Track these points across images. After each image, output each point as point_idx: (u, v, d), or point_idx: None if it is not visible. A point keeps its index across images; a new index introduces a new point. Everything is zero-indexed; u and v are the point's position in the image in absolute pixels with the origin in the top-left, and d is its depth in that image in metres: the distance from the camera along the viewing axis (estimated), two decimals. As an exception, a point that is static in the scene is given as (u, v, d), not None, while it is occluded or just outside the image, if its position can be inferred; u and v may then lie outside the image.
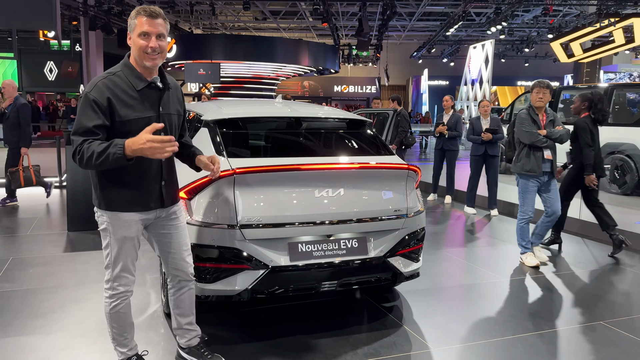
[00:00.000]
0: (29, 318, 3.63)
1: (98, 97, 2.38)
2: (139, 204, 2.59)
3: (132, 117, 2.45)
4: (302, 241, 3.23)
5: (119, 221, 2.56)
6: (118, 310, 2.64)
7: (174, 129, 2.70)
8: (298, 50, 21.88)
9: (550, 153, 5.00)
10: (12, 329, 3.45)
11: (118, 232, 2.57)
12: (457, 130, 8.06)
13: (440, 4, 25.01)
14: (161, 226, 2.75)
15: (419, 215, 3.64)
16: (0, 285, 4.26)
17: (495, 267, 5.09)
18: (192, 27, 29.05)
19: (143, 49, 2.44)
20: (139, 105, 2.48)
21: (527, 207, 5.13)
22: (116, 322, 2.68)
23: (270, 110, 3.98)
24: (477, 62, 21.56)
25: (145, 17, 2.43)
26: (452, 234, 6.50)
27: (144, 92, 2.51)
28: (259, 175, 3.14)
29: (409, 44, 34.41)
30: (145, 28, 2.43)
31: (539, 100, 4.95)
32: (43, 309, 3.79)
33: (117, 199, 2.55)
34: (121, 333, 2.72)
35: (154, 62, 2.48)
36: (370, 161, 3.48)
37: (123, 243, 2.59)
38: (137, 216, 2.60)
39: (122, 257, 2.60)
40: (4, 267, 4.68)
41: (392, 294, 4.22)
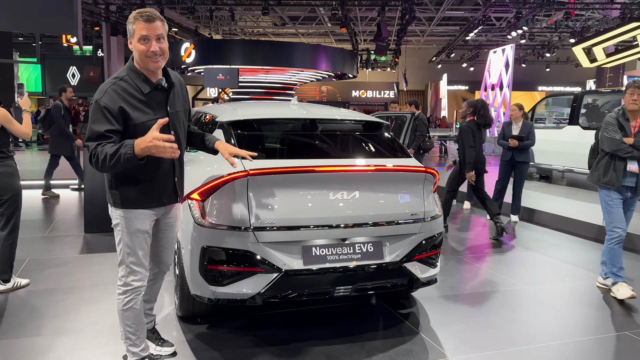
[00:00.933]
0: (43, 319, 3.62)
1: (109, 104, 2.43)
2: (153, 200, 2.67)
3: (144, 120, 2.50)
4: (316, 245, 3.16)
5: (132, 215, 2.63)
6: (131, 306, 2.68)
7: (182, 126, 2.77)
8: (316, 55, 21.88)
9: (638, 166, 4.29)
10: (26, 329, 3.44)
11: (132, 226, 2.63)
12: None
13: (460, 9, 24.84)
14: (163, 221, 2.87)
15: (437, 220, 3.55)
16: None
17: (516, 274, 4.96)
18: (212, 33, 29.31)
19: (145, 53, 2.48)
20: (148, 108, 2.55)
21: (615, 224, 4.35)
22: (129, 320, 2.70)
23: (285, 112, 3.93)
24: (497, 66, 21.30)
25: (143, 22, 2.47)
26: (471, 240, 6.38)
27: (152, 94, 2.58)
28: (273, 177, 3.09)
29: (427, 49, 34.24)
30: (144, 32, 2.47)
31: (633, 103, 4.23)
32: (57, 310, 3.78)
33: (132, 197, 2.61)
34: (134, 331, 2.74)
35: (156, 65, 2.54)
36: (387, 163, 3.40)
37: (136, 236, 2.65)
38: (150, 212, 2.69)
39: (135, 251, 2.66)
40: (21, 267, 4.69)
41: (409, 300, 4.13)
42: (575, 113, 9.85)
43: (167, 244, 2.98)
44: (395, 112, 7.50)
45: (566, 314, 4.01)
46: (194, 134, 3.06)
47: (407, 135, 5.94)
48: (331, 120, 3.78)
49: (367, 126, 3.84)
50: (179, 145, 2.51)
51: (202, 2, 20.85)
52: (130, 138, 2.41)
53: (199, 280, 3.13)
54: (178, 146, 2.42)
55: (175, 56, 22.28)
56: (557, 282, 4.76)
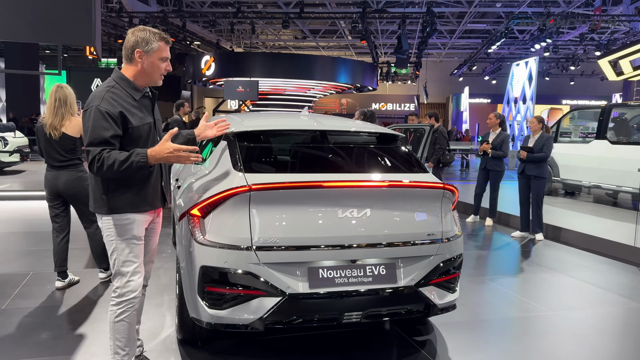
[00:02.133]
0: (36, 338, 3.44)
1: (110, 109, 2.53)
2: (147, 203, 2.74)
3: (139, 124, 2.65)
4: (324, 266, 2.92)
5: (125, 225, 2.66)
6: (124, 318, 2.67)
7: (161, 134, 2.87)
8: (335, 67, 21.78)
9: None
10: (19, 350, 3.25)
11: (125, 234, 2.66)
12: (503, 150, 7.51)
13: (482, 22, 24.53)
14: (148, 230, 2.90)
15: (456, 240, 3.28)
16: (16, 301, 4.11)
17: (541, 298, 4.63)
18: (234, 46, 29.46)
19: (161, 72, 2.71)
20: (140, 112, 2.69)
21: None
22: (120, 333, 2.68)
23: (293, 123, 3.72)
24: (520, 79, 20.91)
25: (165, 44, 2.69)
26: (494, 260, 6.06)
27: (141, 101, 2.72)
28: (277, 193, 2.86)
29: (449, 62, 33.91)
30: (166, 54, 2.71)
31: None
32: (53, 329, 3.60)
33: (127, 201, 2.66)
34: (124, 346, 2.69)
35: (161, 81, 2.77)
36: (401, 179, 3.15)
37: (133, 243, 2.69)
38: (144, 217, 2.74)
39: (131, 258, 2.69)
40: (23, 282, 4.54)
41: (425, 326, 3.84)
42: (602, 127, 9.46)
43: (148, 251, 2.95)
44: (413, 124, 7.24)
45: (597, 343, 3.69)
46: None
47: (426, 148, 5.68)
48: (342, 132, 3.55)
49: (381, 139, 3.60)
50: None
51: (224, 15, 20.96)
52: (128, 141, 2.58)
53: (197, 303, 2.91)
54: None
55: (195, 69, 22.42)
56: (586, 308, 4.42)
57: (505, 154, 7.49)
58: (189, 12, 21.56)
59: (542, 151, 6.66)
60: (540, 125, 6.86)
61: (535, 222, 6.91)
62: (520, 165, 6.92)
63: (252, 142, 3.31)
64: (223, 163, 3.20)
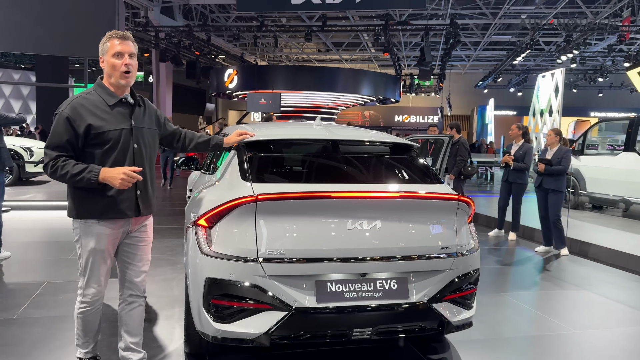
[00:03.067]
0: (44, 348, 3.41)
1: (71, 114, 2.59)
2: (111, 210, 2.69)
3: (106, 129, 2.64)
4: (332, 280, 2.82)
5: (90, 233, 2.69)
6: (84, 316, 2.79)
7: (147, 142, 2.85)
8: (357, 80, 21.76)
9: None
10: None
11: (88, 245, 2.70)
12: (525, 162, 7.32)
13: (507, 33, 24.26)
14: (130, 239, 2.85)
15: (472, 255, 3.14)
16: (29, 311, 4.10)
17: (565, 316, 4.43)
18: (257, 60, 29.73)
19: (118, 68, 2.65)
20: (112, 118, 2.68)
21: None
22: (80, 326, 2.83)
23: (304, 132, 3.64)
24: (545, 91, 20.53)
25: (117, 40, 2.67)
26: (516, 275, 5.85)
27: (116, 106, 2.71)
28: (284, 203, 2.79)
29: (474, 74, 33.60)
30: (118, 48, 2.65)
31: None
32: (62, 339, 3.56)
33: (91, 207, 2.67)
34: (83, 336, 2.85)
35: (127, 80, 2.70)
36: (414, 190, 3.03)
37: (92, 255, 2.72)
38: (108, 230, 2.71)
39: (91, 269, 2.73)
40: (37, 291, 4.54)
41: (441, 344, 3.69)
42: (631, 139, 9.16)
43: (133, 261, 2.88)
44: (431, 135, 7.11)
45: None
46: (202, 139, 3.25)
47: (445, 159, 5.54)
48: (353, 142, 3.46)
49: (394, 149, 3.49)
50: (140, 158, 2.76)
51: (248, 29, 21.18)
52: (89, 145, 2.61)
53: (202, 316, 2.83)
54: (140, 160, 2.74)
55: (219, 82, 22.65)
56: (614, 327, 4.20)
57: (527, 166, 7.28)
58: (213, 26, 21.85)
59: (561, 164, 6.45)
60: (558, 138, 6.66)
61: (557, 237, 6.67)
62: (538, 179, 6.72)
63: (261, 151, 3.25)
64: (231, 173, 3.15)
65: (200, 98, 30.51)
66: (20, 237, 6.54)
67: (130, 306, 2.89)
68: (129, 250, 2.87)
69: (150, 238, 2.97)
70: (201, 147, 3.26)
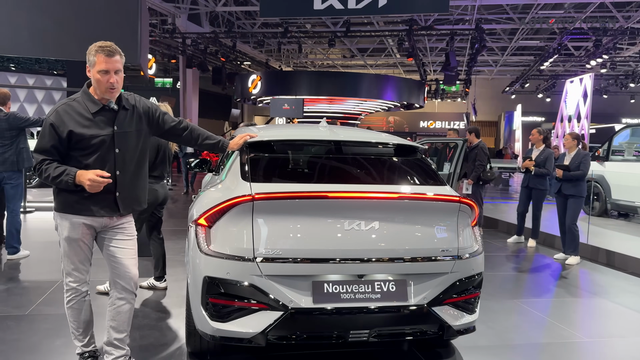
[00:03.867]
0: (51, 344, 3.48)
1: (56, 121, 2.71)
2: (86, 209, 2.79)
3: (87, 135, 2.73)
4: (329, 280, 2.81)
5: (65, 223, 2.82)
6: (72, 305, 2.90)
7: (131, 147, 2.88)
8: (380, 85, 21.69)
9: None
10: (32, 355, 3.30)
11: (64, 233, 2.84)
12: (546, 168, 7.11)
13: (535, 38, 23.88)
14: (110, 234, 2.92)
15: (475, 258, 3.09)
16: (40, 308, 4.19)
17: (579, 324, 4.31)
18: (282, 66, 29.93)
19: (103, 84, 2.72)
20: (93, 125, 2.76)
21: None
22: (71, 317, 2.94)
23: (308, 133, 3.64)
24: (574, 97, 20.09)
25: (104, 56, 2.70)
26: (531, 282, 5.72)
27: (99, 113, 2.78)
28: (281, 203, 2.79)
29: (501, 79, 33.15)
30: (104, 66, 2.70)
31: None
32: (68, 337, 3.50)
33: (68, 202, 2.79)
34: (76, 328, 2.95)
35: (112, 95, 2.77)
36: (413, 191, 3.00)
37: (68, 243, 2.84)
38: (82, 220, 2.81)
39: (69, 256, 2.86)
40: (51, 289, 4.63)
41: (446, 349, 3.63)
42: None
43: (118, 257, 2.91)
44: (444, 138, 7.02)
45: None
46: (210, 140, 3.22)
47: (459, 162, 5.45)
48: (356, 143, 3.44)
49: (398, 150, 3.46)
50: (122, 162, 2.82)
51: (273, 35, 21.36)
52: (73, 149, 2.74)
53: (201, 314, 2.85)
54: (121, 164, 2.81)
55: (243, 87, 22.88)
56: (629, 336, 4.07)
57: (548, 171, 7.08)
58: (239, 32, 22.09)
59: (579, 169, 6.29)
60: (576, 142, 6.50)
61: (569, 242, 6.48)
62: (556, 185, 6.57)
63: (263, 152, 3.26)
64: (233, 173, 3.17)
65: (226, 104, 30.85)
66: (41, 237, 6.70)
67: (118, 302, 2.92)
68: (112, 246, 2.91)
69: (131, 231, 3.00)
70: (209, 147, 3.27)
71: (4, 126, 5.44)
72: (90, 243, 2.89)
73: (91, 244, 2.91)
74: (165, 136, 3.16)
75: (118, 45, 8.43)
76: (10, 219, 5.58)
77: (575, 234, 6.40)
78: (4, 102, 5.57)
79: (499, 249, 7.21)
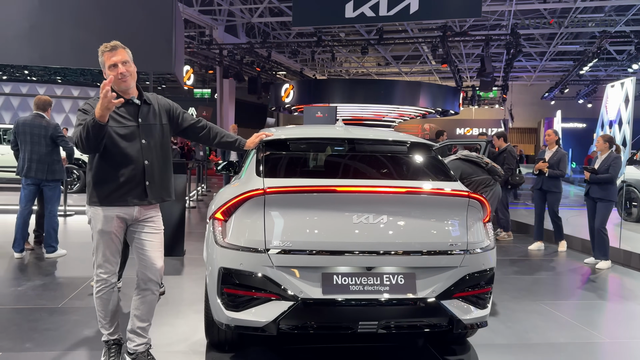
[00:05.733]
0: (80, 333, 3.68)
1: (88, 109, 2.91)
2: (118, 199, 2.95)
3: (115, 127, 2.91)
4: (338, 272, 2.89)
5: (98, 216, 2.97)
6: (101, 295, 3.03)
7: (156, 136, 3.06)
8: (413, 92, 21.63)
9: None
10: (61, 343, 3.51)
11: (97, 226, 2.97)
12: (560, 169, 6.94)
13: (575, 43, 23.36)
14: (139, 227, 3.06)
15: (486, 253, 3.10)
16: (72, 301, 4.41)
17: (600, 325, 4.24)
18: (317, 75, 30.23)
19: (115, 77, 2.86)
20: (119, 117, 2.95)
21: None
22: (99, 306, 3.06)
23: (323, 132, 3.75)
24: (615, 102, 19.52)
25: (108, 52, 2.91)
26: (557, 285, 5.62)
27: (123, 107, 2.96)
28: (292, 197, 2.89)
29: (540, 85, 32.51)
30: (111, 61, 2.90)
31: None
32: (95, 328, 3.77)
33: (102, 195, 2.94)
34: (103, 317, 3.08)
35: (126, 84, 2.94)
36: (422, 186, 3.06)
37: (101, 235, 2.98)
38: (114, 213, 2.96)
39: (101, 249, 3.00)
40: (82, 285, 4.86)
41: (462, 346, 3.64)
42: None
43: (146, 249, 3.04)
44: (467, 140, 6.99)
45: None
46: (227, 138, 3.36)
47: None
48: (369, 141, 3.52)
49: (411, 148, 3.52)
50: (149, 152, 2.99)
51: (307, 45, 21.65)
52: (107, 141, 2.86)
53: (216, 304, 2.98)
54: (148, 154, 2.98)
55: (277, 96, 23.23)
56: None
57: (563, 173, 6.93)
58: (273, 42, 22.49)
59: (608, 172, 6.15)
60: (607, 145, 6.34)
61: (599, 247, 6.31)
62: (586, 187, 6.45)
63: (278, 150, 3.38)
64: (250, 170, 3.30)
65: (261, 113, 31.36)
66: (78, 239, 7.02)
67: (143, 293, 3.06)
68: (138, 238, 3.06)
69: (159, 226, 3.13)
70: (227, 145, 3.40)
71: (42, 132, 5.74)
72: (121, 236, 3.04)
73: (122, 237, 3.05)
74: (184, 134, 3.29)
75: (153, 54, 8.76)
76: (48, 219, 5.89)
77: (604, 238, 6.24)
78: (45, 108, 5.88)
79: (527, 253, 7.09)
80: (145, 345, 3.09)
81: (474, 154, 5.34)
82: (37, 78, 23.90)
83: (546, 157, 7.09)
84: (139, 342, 3.07)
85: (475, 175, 5.18)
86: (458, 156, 5.27)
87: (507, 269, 6.06)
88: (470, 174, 5.16)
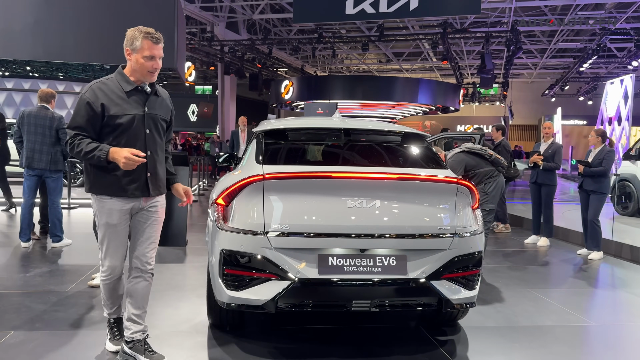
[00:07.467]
0: (87, 315, 3.84)
1: (90, 97, 2.84)
2: (122, 190, 2.91)
3: (120, 114, 2.87)
4: (333, 254, 3.05)
5: (103, 208, 2.94)
6: (107, 283, 3.07)
7: (159, 128, 3.05)
8: (413, 88, 21.75)
9: None
10: (70, 322, 3.67)
11: (103, 219, 2.96)
12: (555, 162, 7.04)
13: (576, 40, 23.46)
14: (140, 216, 3.05)
15: (473, 237, 3.26)
16: (79, 286, 4.57)
17: (587, 310, 4.40)
18: (318, 71, 30.36)
19: (148, 69, 2.87)
20: (126, 104, 2.90)
21: None
22: (104, 290, 3.12)
23: (320, 122, 3.91)
24: (614, 99, 19.64)
25: (152, 43, 2.84)
26: (548, 274, 5.78)
27: (132, 93, 2.93)
28: (289, 182, 3.05)
29: (541, 82, 32.62)
30: (151, 52, 2.85)
31: None
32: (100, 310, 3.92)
33: (104, 184, 2.91)
34: (107, 298, 3.15)
35: (153, 78, 2.94)
36: (412, 173, 3.21)
37: (107, 228, 2.97)
38: (120, 205, 2.93)
39: (107, 241, 2.99)
40: (89, 271, 5.00)
41: (453, 328, 3.80)
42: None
43: (141, 237, 3.04)
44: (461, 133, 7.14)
45: (634, 358, 3.45)
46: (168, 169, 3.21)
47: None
48: (364, 131, 3.68)
49: (405, 138, 3.68)
50: (152, 143, 2.97)
51: (308, 41, 21.78)
52: (105, 127, 2.86)
53: (218, 285, 3.14)
54: (152, 145, 2.95)
55: (277, 93, 23.37)
56: (636, 322, 4.13)
57: (557, 165, 7.04)
58: (274, 39, 22.63)
59: (601, 165, 6.30)
60: (600, 139, 6.48)
61: (591, 238, 6.47)
62: (579, 180, 6.61)
63: (276, 139, 3.54)
64: (250, 158, 3.47)
65: (262, 109, 31.49)
66: (83, 230, 7.16)
67: (136, 280, 3.04)
68: (138, 226, 3.04)
69: (160, 217, 3.12)
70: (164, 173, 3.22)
71: (47, 124, 5.89)
72: (127, 227, 3.01)
73: (127, 227, 3.02)
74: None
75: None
76: (52, 210, 6.05)
77: (597, 230, 6.40)
78: (48, 100, 6.03)
79: (522, 245, 7.24)
80: (142, 333, 3.07)
81: (477, 146, 5.45)
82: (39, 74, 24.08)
83: (541, 149, 7.20)
84: (135, 329, 3.04)
85: (479, 168, 5.27)
86: (462, 149, 5.38)
87: (501, 260, 6.22)
88: (474, 166, 5.26)
